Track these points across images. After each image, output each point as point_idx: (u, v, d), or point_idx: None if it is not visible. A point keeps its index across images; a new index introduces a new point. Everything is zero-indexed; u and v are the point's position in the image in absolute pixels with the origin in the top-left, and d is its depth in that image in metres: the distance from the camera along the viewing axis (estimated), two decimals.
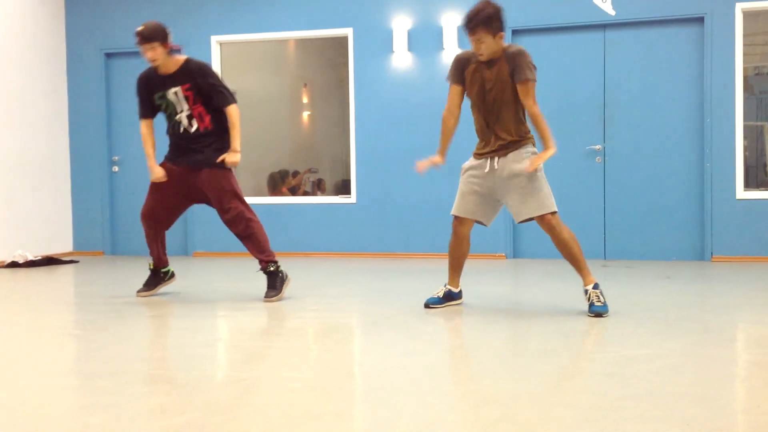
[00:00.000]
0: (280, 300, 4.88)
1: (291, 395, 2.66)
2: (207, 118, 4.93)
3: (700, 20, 7.03)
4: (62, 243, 8.47)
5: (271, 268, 4.95)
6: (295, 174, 9.41)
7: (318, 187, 9.52)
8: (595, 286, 4.28)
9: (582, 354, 3.25)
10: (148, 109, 5.12)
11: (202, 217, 8.24)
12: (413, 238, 7.69)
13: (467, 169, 4.52)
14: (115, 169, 8.58)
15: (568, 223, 7.30)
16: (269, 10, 8.04)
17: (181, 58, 4.98)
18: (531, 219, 4.39)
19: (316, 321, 4.26)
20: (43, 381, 2.93)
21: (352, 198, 7.91)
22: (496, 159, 4.38)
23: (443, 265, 6.98)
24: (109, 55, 8.55)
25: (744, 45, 7.00)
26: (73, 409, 2.59)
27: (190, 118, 4.93)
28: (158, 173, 5.05)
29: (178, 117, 4.95)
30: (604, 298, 4.24)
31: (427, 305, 4.54)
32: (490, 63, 4.34)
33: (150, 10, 8.32)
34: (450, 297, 4.62)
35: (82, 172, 8.58)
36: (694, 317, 4.22)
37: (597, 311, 4.14)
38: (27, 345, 3.67)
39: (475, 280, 5.90)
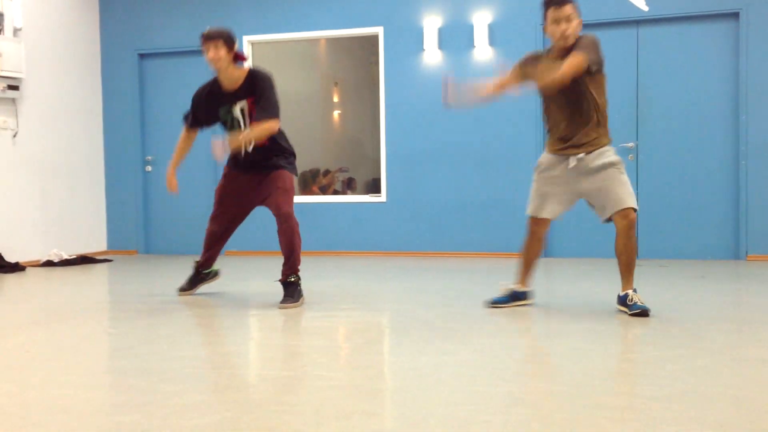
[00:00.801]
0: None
1: (322, 394, 2.67)
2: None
3: (735, 15, 6.93)
4: (97, 242, 8.59)
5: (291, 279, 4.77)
6: (326, 173, 9.44)
7: (348, 186, 9.54)
8: (634, 290, 4.20)
9: (614, 354, 3.22)
10: (197, 121, 4.96)
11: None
12: (444, 236, 7.68)
13: (543, 168, 4.38)
14: (149, 168, 8.68)
15: (597, 222, 7.26)
16: (300, 10, 8.07)
17: (244, 69, 4.70)
18: (613, 215, 4.21)
19: (346, 320, 4.27)
20: (77, 379, 2.98)
21: (382, 197, 7.91)
22: (580, 155, 4.20)
23: (474, 263, 6.98)
24: (142, 56, 8.64)
25: None
26: (105, 407, 2.63)
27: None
28: (172, 186, 5.05)
29: (235, 128, 4.70)
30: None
31: (493, 304, 4.51)
32: (563, 58, 4.08)
33: (183, 11, 8.41)
34: (516, 297, 4.56)
35: (116, 171, 8.69)
36: (728, 317, 4.15)
37: (641, 308, 4.05)
38: (61, 343, 3.73)
39: (504, 279, 5.87)
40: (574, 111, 4.21)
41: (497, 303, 4.53)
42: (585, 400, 2.55)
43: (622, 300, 4.21)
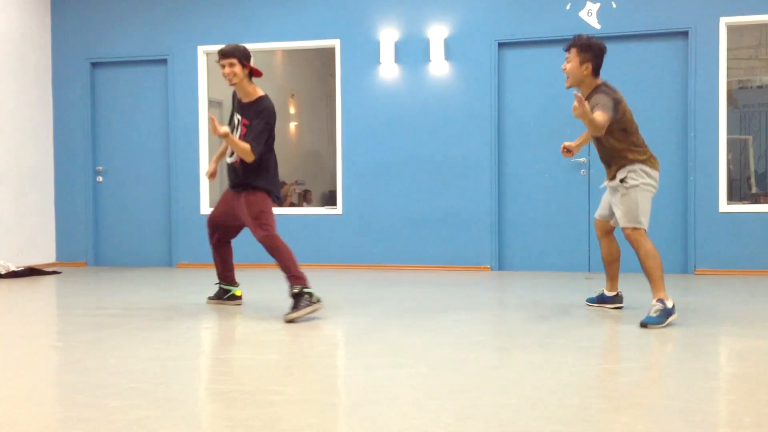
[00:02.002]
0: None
1: (273, 409, 2.64)
2: (238, 159, 4.85)
3: (684, 34, 7.09)
4: (45, 254, 8.41)
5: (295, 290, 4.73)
6: (282, 185, 9.40)
7: (304, 199, 9.51)
8: (659, 300, 4.30)
9: (565, 367, 3.25)
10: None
11: (186, 229, 8.21)
12: (399, 249, 7.69)
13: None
14: (100, 179, 8.55)
15: (552, 236, 7.34)
16: (257, 21, 8.04)
17: (257, 91, 4.87)
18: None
19: (300, 333, 4.24)
20: (22, 394, 2.90)
21: (338, 209, 7.90)
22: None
23: (429, 276, 7.00)
24: (94, 65, 8.52)
25: (728, 59, 7.07)
26: (50, 423, 2.56)
27: (232, 151, 4.89)
28: (208, 171, 5.30)
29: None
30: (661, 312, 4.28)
31: (588, 302, 5.08)
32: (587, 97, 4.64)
33: (137, 20, 8.31)
34: (602, 300, 5.01)
35: (66, 182, 8.53)
36: (676, 330, 4.23)
37: (646, 322, 4.24)
38: (7, 357, 3.63)
39: (460, 292, 5.90)
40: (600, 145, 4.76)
41: (588, 302, 5.10)
42: (536, 412, 2.56)
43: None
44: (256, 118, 4.76)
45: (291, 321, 4.53)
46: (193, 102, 8.23)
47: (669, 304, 4.30)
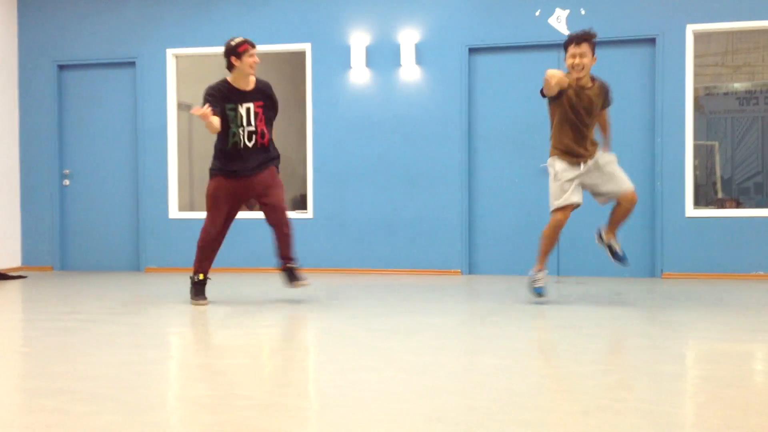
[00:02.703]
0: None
1: (242, 414, 2.62)
2: (267, 136, 5.45)
3: (651, 41, 7.18)
4: (10, 258, 8.28)
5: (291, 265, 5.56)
6: None
7: None
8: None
9: (534, 370, 3.27)
10: (218, 109, 5.32)
11: (154, 233, 8.14)
12: (370, 253, 7.68)
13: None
14: (66, 182, 8.44)
15: (522, 240, 7.40)
16: (226, 24, 8.00)
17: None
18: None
19: (269, 337, 4.22)
20: None
21: (308, 213, 7.88)
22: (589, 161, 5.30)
23: (400, 280, 7.00)
24: (61, 67, 8.42)
25: (695, 66, 7.16)
26: (17, 428, 2.52)
27: (252, 134, 5.34)
28: (215, 122, 5.23)
29: (241, 130, 5.31)
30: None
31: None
32: (585, 87, 5.19)
33: (105, 22, 8.23)
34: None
35: (32, 185, 8.41)
36: (644, 333, 4.27)
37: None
38: None
39: (430, 295, 5.91)
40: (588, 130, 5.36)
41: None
42: (505, 415, 2.57)
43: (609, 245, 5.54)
44: (271, 95, 5.50)
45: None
46: (161, 105, 8.16)
47: None
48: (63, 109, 8.45)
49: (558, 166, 5.31)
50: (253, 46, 5.35)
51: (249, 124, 5.33)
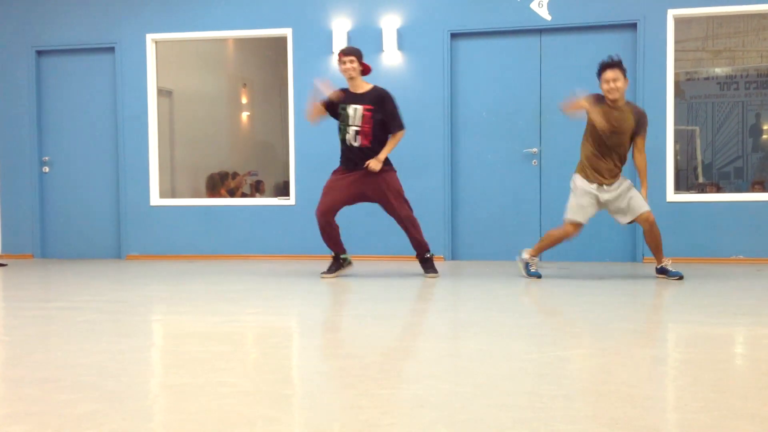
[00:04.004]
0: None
1: (224, 401, 2.62)
2: (369, 138, 5.91)
3: (633, 26, 7.20)
4: None
5: (427, 255, 6.19)
6: (235, 176, 9.31)
7: (257, 189, 9.43)
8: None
9: (517, 355, 3.28)
10: (328, 105, 6.04)
11: (135, 220, 8.09)
12: (352, 239, 7.66)
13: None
14: (46, 169, 8.36)
15: (504, 226, 7.46)
16: (207, 9, 7.93)
17: (369, 83, 6.04)
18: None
19: (253, 324, 4.21)
20: None
21: (291, 200, 7.86)
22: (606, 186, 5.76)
23: (383, 266, 7.00)
24: (40, 53, 8.33)
25: (676, 51, 7.19)
26: None
27: (356, 133, 5.92)
28: (317, 109, 6.01)
29: (349, 129, 5.92)
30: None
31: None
32: (616, 108, 5.61)
33: (84, 7, 8.14)
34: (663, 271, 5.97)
35: (10, 172, 8.33)
36: (625, 317, 4.30)
37: (678, 273, 5.79)
38: None
39: (413, 281, 5.92)
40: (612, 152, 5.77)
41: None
42: (488, 400, 2.58)
43: (661, 270, 5.87)
44: (383, 103, 5.92)
45: (432, 276, 6.09)
46: (141, 91, 8.09)
47: None
48: (42, 96, 8.36)
49: (578, 182, 5.75)
50: (346, 54, 5.92)
51: (355, 124, 5.89)
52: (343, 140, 5.99)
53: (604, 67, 5.60)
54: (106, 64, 8.20)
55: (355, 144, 5.95)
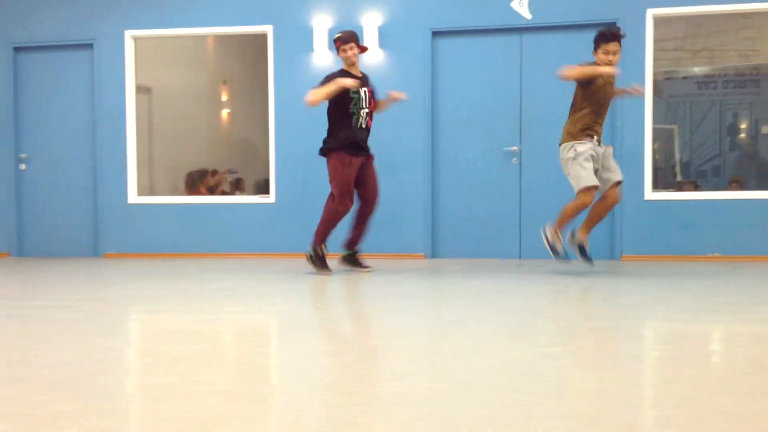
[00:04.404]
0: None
1: (201, 400, 2.60)
2: (372, 118, 6.15)
3: (612, 25, 7.22)
4: None
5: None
6: (215, 173, 9.27)
7: (237, 187, 9.40)
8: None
9: (497, 352, 3.29)
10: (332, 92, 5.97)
11: (112, 218, 8.02)
12: (332, 237, 7.64)
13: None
14: (23, 167, 8.28)
15: (485, 223, 7.47)
16: (186, 5, 7.88)
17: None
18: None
19: (231, 323, 4.19)
20: None
21: (271, 198, 7.83)
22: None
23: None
24: (17, 49, 8.24)
25: (654, 50, 7.24)
26: None
27: (367, 115, 6.07)
28: (352, 82, 5.91)
29: (362, 112, 6.01)
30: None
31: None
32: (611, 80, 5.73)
33: (62, 3, 8.06)
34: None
35: None
36: (604, 315, 4.32)
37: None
38: None
39: (393, 279, 5.91)
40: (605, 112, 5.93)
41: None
42: (466, 398, 2.59)
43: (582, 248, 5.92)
44: (371, 84, 6.22)
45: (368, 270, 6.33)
46: (120, 88, 8.03)
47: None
48: (19, 93, 8.28)
49: (579, 147, 5.68)
50: (345, 42, 6.01)
51: (366, 106, 6.06)
52: (354, 124, 6.03)
53: (608, 37, 5.56)
54: (84, 60, 8.13)
55: (364, 126, 6.09)
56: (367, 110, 6.06)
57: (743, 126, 8.92)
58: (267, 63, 7.84)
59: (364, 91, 6.07)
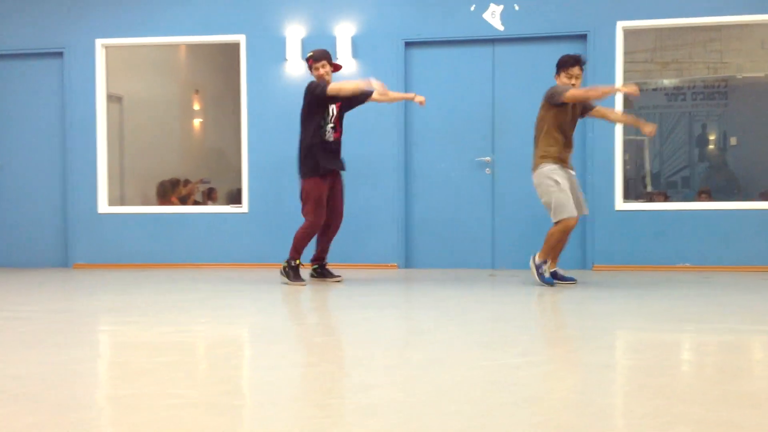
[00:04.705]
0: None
1: (171, 413, 2.57)
2: (340, 131, 6.08)
3: (583, 37, 7.30)
4: None
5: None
6: (186, 183, 9.19)
7: (209, 197, 9.33)
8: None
9: (467, 363, 3.29)
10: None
11: (82, 228, 7.93)
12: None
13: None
14: None
15: (458, 233, 7.48)
16: (158, 14, 7.83)
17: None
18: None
19: (203, 334, 4.16)
20: None
21: (244, 207, 7.79)
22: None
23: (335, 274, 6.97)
24: None
25: (625, 62, 7.32)
26: None
27: (333, 128, 6.02)
28: (378, 85, 5.92)
29: (327, 126, 6.00)
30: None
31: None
32: None
33: (31, 11, 7.97)
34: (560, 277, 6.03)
35: None
36: (574, 324, 4.35)
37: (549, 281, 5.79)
38: None
39: (366, 290, 5.90)
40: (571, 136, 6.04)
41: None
42: (437, 408, 2.58)
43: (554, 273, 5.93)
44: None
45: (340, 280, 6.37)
46: (90, 97, 7.96)
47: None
48: None
49: (557, 174, 5.72)
50: (317, 60, 5.97)
51: (331, 121, 6.03)
52: (322, 139, 6.00)
53: (575, 61, 5.78)
54: (54, 69, 8.04)
55: (331, 139, 6.04)
56: (332, 125, 6.04)
57: (712, 137, 9.05)
58: (240, 72, 7.81)
59: (332, 108, 6.04)
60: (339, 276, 6.35)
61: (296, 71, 7.63)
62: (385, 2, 7.54)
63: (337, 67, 6.19)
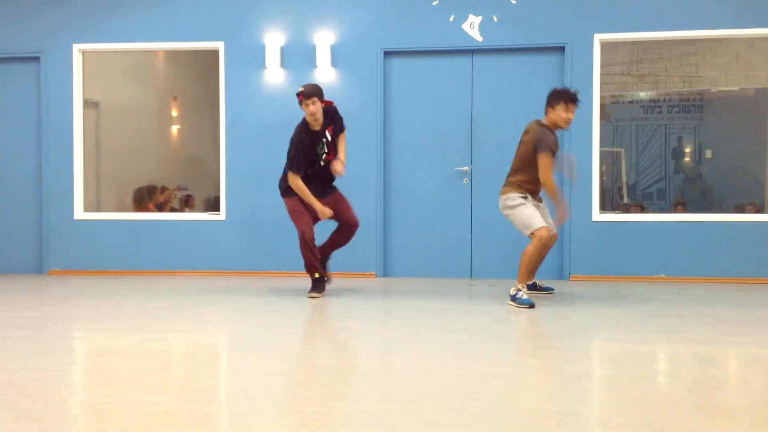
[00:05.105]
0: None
1: (147, 421, 2.55)
2: (332, 154, 5.96)
3: (561, 49, 7.36)
4: None
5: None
6: (164, 190, 9.13)
7: (186, 204, 9.28)
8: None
9: (446, 372, 3.30)
10: (304, 165, 5.83)
11: (58, 234, 7.85)
12: (283, 256, 7.60)
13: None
14: None
15: (436, 243, 7.48)
16: (135, 19, 7.79)
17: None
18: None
19: (180, 342, 4.13)
20: None
21: (221, 215, 7.75)
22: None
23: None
24: None
25: (602, 74, 7.38)
26: None
27: (327, 153, 5.92)
28: (328, 212, 5.90)
29: (323, 156, 5.90)
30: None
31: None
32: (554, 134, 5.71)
33: (8, 14, 7.90)
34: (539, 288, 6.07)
35: None
36: (551, 334, 4.37)
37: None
38: None
39: (344, 299, 5.89)
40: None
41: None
42: (416, 417, 2.58)
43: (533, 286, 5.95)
44: (334, 119, 5.99)
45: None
46: (67, 102, 7.88)
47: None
48: None
49: (520, 199, 5.66)
50: (308, 96, 5.75)
51: (325, 152, 5.92)
52: (318, 167, 5.91)
53: (572, 98, 5.62)
54: (31, 74, 7.96)
55: (322, 164, 5.93)
56: (326, 151, 5.91)
57: (687, 150, 9.15)
58: (218, 79, 7.78)
59: (324, 143, 5.88)
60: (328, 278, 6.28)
61: (275, 79, 7.62)
62: (365, 11, 7.56)
63: (328, 104, 5.95)
